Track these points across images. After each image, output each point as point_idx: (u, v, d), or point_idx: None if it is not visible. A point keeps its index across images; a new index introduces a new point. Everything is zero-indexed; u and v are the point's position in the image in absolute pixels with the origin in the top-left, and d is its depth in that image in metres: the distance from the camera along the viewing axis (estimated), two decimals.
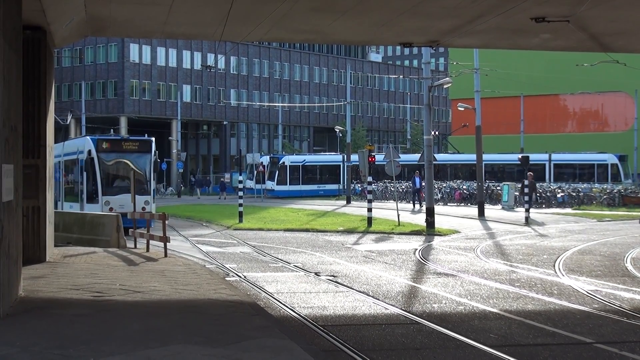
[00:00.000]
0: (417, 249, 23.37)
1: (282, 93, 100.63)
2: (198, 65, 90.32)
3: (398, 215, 32.99)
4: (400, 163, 36.42)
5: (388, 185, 54.59)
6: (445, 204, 49.52)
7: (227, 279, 16.46)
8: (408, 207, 45.51)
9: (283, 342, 9.40)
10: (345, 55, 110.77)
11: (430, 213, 30.80)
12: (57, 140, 28.13)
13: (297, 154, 75.80)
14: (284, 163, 64.80)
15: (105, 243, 23.52)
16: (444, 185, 52.57)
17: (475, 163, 40.99)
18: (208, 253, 22.23)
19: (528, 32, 19.80)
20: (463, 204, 49.40)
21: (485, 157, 43.15)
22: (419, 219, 32.51)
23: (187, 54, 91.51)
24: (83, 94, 78.34)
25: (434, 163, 34.51)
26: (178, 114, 79.85)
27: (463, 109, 48.58)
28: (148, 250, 21.21)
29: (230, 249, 23.58)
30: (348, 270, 18.41)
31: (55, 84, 22.74)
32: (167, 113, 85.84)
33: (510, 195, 46.35)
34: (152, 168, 29.93)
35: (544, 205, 46.76)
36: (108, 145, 29.46)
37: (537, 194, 41.51)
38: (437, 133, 61.16)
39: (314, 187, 64.75)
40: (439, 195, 49.43)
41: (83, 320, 10.78)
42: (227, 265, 19.17)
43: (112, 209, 26.86)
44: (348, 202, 53.51)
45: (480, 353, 9.83)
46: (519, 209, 40.89)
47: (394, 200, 38.22)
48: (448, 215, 38.93)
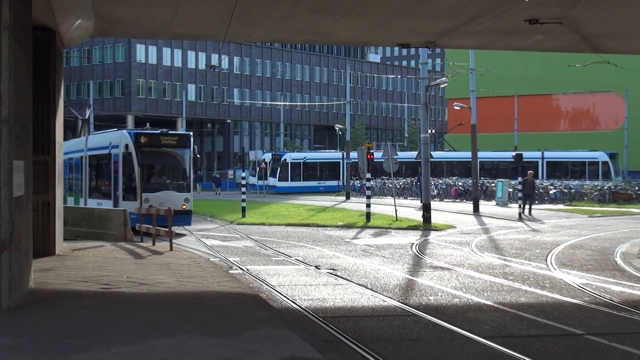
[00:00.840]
0: (414, 244, 23.39)
1: (283, 92, 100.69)
2: (202, 65, 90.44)
3: (396, 211, 32.98)
4: (398, 160, 36.43)
5: (386, 182, 54.65)
6: (442, 200, 49.56)
7: (230, 272, 16.49)
8: (413, 203, 45.44)
9: (284, 332, 9.42)
10: (345, 56, 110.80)
11: (427, 209, 30.85)
12: (66, 138, 27.65)
13: (298, 152, 75.72)
14: (286, 160, 64.78)
15: (113, 237, 23.55)
16: (440, 182, 52.52)
17: (471, 160, 40.98)
18: (212, 247, 22.26)
19: (522, 33, 19.78)
20: (459, 200, 49.44)
21: (480, 154, 43.20)
22: (417, 215, 32.51)
23: (191, 54, 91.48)
24: (91, 93, 78.35)
25: (431, 160, 34.51)
26: (183, 113, 79.84)
27: (459, 108, 48.43)
28: (154, 244, 21.25)
29: (234, 243, 23.59)
30: (347, 264, 18.44)
31: (64, 83, 22.67)
32: (172, 111, 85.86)
33: (504, 192, 46.35)
34: (191, 164, 27.24)
35: (537, 202, 46.74)
36: (147, 140, 26.44)
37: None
38: (433, 131, 61.29)
39: (315, 183, 64.79)
40: (435, 192, 49.35)
41: (91, 312, 10.81)
42: (230, 259, 19.21)
43: (151, 207, 24.20)
44: (347, 198, 53.54)
45: (475, 344, 9.85)
46: (513, 205, 40.94)
47: (392, 196, 38.17)
48: (444, 211, 38.99)
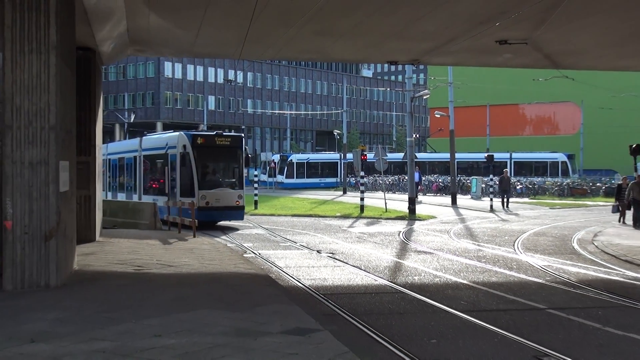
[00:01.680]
0: (400, 231, 23.43)
1: (289, 102, 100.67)
2: (221, 80, 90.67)
3: (385, 203, 33.03)
4: (387, 160, 36.45)
5: (377, 179, 54.60)
6: (425, 194, 49.57)
7: (244, 256, 16.52)
8: (400, 197, 45.39)
9: (290, 307, 9.45)
10: (342, 71, 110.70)
11: (412, 202, 30.87)
12: (104, 142, 27.05)
13: (302, 153, 75.69)
14: (292, 160, 64.98)
15: (144, 226, 23.62)
16: (424, 179, 52.54)
17: (449, 160, 41.04)
18: (229, 234, 22.28)
19: (493, 52, 19.80)
20: (439, 194, 49.47)
21: (458, 155, 43.18)
22: (403, 207, 32.52)
23: (212, 70, 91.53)
24: (126, 103, 78.50)
25: (415, 161, 34.55)
26: (204, 120, 79.71)
27: (439, 116, 48.57)
28: (180, 232, 21.30)
29: (247, 231, 23.61)
30: (344, 249, 18.48)
31: (103, 95, 22.65)
32: (195, 119, 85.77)
33: (478, 187, 46.39)
34: (243, 163, 25.58)
35: (497, 195, 46.76)
36: (203, 141, 24.62)
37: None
38: (417, 136, 61.22)
39: (316, 180, 64.74)
40: (419, 187, 49.46)
41: (126, 289, 10.84)
42: (244, 244, 19.25)
43: (208, 203, 23.40)
44: (344, 192, 53.48)
45: (453, 317, 9.89)
46: (485, 199, 40.90)
47: (382, 191, 38.17)
48: (427, 204, 39.02)
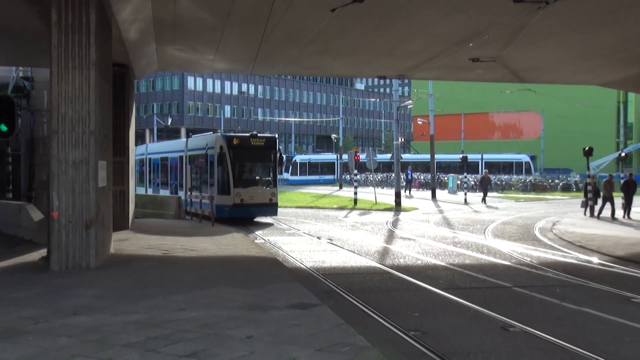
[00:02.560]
0: (388, 221, 23.42)
1: (294, 111, 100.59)
2: (235, 91, 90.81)
3: (375, 197, 33.04)
4: (377, 161, 36.43)
5: (368, 176, 54.44)
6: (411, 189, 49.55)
7: (255, 242, 16.52)
8: (388, 192, 45.39)
9: (294, 285, 9.46)
10: (338, 85, 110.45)
11: (398, 195, 30.86)
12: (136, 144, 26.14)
13: (304, 154, 75.63)
14: (295, 160, 65.11)
15: (170, 216, 23.62)
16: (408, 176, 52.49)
17: (430, 160, 41.00)
18: (242, 223, 22.26)
19: (467, 68, 19.79)
20: (421, 189, 49.35)
21: (437, 156, 43.15)
22: (390, 200, 32.54)
23: (227, 83, 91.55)
24: (154, 111, 78.33)
25: (401, 161, 34.53)
26: (221, 126, 79.75)
27: (421, 123, 48.52)
28: (200, 222, 21.28)
29: (257, 220, 23.57)
30: (340, 235, 18.48)
31: (135, 105, 22.62)
32: (213, 125, 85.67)
33: (454, 183, 46.28)
34: (277, 162, 23.14)
35: (477, 191, 46.71)
36: (239, 142, 22.35)
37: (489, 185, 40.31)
38: (403, 139, 60.97)
39: (316, 177, 64.64)
40: (404, 183, 49.32)
41: (155, 270, 10.86)
42: (255, 232, 19.24)
43: (243, 200, 21.51)
44: (340, 188, 53.46)
45: (433, 293, 9.89)
46: (460, 193, 40.87)
47: (373, 187, 38.17)
48: (403, 197, 38.99)
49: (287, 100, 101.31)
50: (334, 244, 16.30)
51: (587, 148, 25.06)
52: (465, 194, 36.55)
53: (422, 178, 51.30)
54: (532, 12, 13.32)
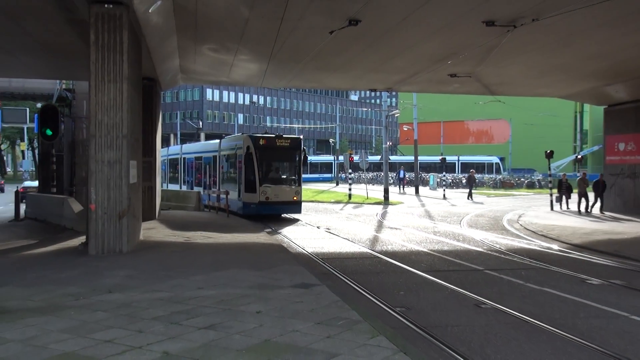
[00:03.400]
0: (378, 213, 23.40)
1: (297, 118, 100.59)
2: (247, 101, 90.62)
3: (367, 192, 33.03)
4: (368, 161, 36.47)
5: (361, 175, 54.47)
6: (396, 186, 49.39)
7: (265, 230, 16.52)
8: (378, 188, 45.41)
9: (298, 267, 9.45)
10: (335, 96, 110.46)
11: (386, 191, 30.84)
12: (162, 145, 25.23)
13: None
14: None
15: (191, 208, 23.57)
16: (394, 175, 52.42)
17: (414, 161, 40.99)
18: (261, 218, 21.95)
19: (446, 83, 19.79)
20: (406, 186, 49.25)
21: (420, 158, 43.09)
22: (380, 195, 32.53)
23: (240, 95, 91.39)
24: (178, 119, 78.23)
25: (389, 162, 34.52)
26: (235, 132, 79.79)
27: (406, 129, 48.63)
28: (217, 213, 21.24)
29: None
30: (337, 225, 18.46)
31: (161, 113, 22.55)
32: (228, 131, 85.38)
33: (434, 181, 46.29)
34: (301, 162, 20.90)
35: (454, 187, 46.74)
36: (265, 142, 20.38)
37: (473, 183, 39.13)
38: (390, 143, 60.97)
39: (316, 175, 64.62)
40: (392, 181, 49.27)
41: (178, 255, 10.84)
42: (264, 222, 19.19)
43: (268, 198, 19.75)
44: (337, 184, 53.47)
45: (416, 275, 9.88)
46: (440, 189, 40.90)
47: (365, 184, 38.19)
48: (397, 193, 38.94)
49: (291, 110, 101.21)
50: (332, 233, 16.27)
51: (548, 151, 25.05)
52: (444, 190, 36.57)
53: (407, 177, 51.25)
54: (501, 34, 13.31)
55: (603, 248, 13.10)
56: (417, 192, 38.58)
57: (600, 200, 23.07)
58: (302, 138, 22.06)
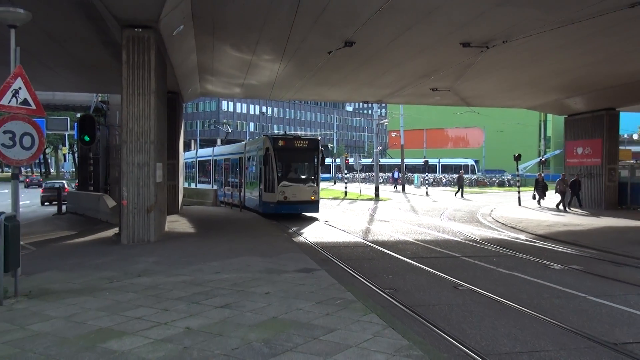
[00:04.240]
0: (370, 208, 23.35)
1: (300, 127, 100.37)
2: (257, 112, 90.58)
3: (360, 190, 32.98)
4: (362, 163, 36.38)
5: (355, 175, 54.48)
6: (385, 185, 49.38)
7: (272, 223, 16.48)
8: (370, 186, 45.32)
9: (301, 255, 9.42)
10: (333, 107, 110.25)
11: (377, 189, 30.77)
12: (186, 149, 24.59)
13: None
14: None
15: (208, 204, 23.51)
16: (389, 175, 52.45)
17: (400, 164, 40.98)
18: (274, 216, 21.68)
19: (428, 96, 19.77)
20: (399, 185, 49.08)
21: (406, 160, 43.09)
22: (371, 192, 32.43)
23: (252, 106, 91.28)
24: (197, 127, 78.24)
25: (379, 164, 34.49)
26: (247, 139, 79.68)
27: (394, 135, 48.59)
28: (231, 208, 21.20)
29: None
30: (334, 218, 18.42)
31: (183, 121, 22.50)
32: (241, 137, 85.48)
33: (418, 180, 46.22)
34: (319, 163, 18.70)
35: (436, 186, 46.68)
36: (284, 143, 18.08)
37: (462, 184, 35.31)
38: (380, 148, 61.06)
39: None
40: (381, 180, 49.29)
41: (197, 244, 10.80)
42: (272, 215, 19.13)
43: (286, 198, 17.78)
44: (334, 183, 53.37)
45: (402, 261, 9.86)
46: (423, 187, 40.81)
47: (358, 183, 38.15)
48: (386, 191, 38.88)
49: (295, 119, 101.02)
50: (330, 225, 16.22)
51: (516, 154, 25.00)
52: (427, 188, 36.50)
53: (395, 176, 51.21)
54: (476, 54, 13.32)
55: (563, 238, 13.08)
56: (403, 190, 38.52)
57: (577, 198, 22.52)
58: (320, 139, 19.74)
